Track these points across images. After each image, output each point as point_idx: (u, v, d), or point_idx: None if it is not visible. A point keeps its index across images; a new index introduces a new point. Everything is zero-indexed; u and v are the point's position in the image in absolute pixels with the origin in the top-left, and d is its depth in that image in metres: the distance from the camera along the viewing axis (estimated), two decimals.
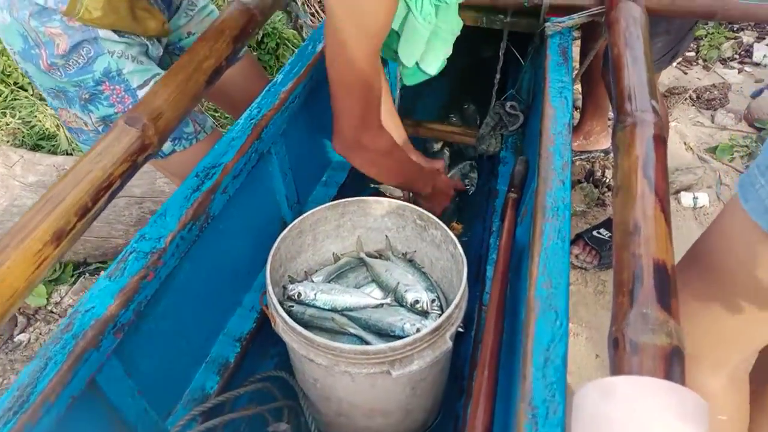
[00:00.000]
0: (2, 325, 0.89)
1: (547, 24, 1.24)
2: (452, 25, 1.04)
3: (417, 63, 1.04)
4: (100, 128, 1.12)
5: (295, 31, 2.15)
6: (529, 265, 0.80)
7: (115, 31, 1.04)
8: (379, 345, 0.85)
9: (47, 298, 1.56)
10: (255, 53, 2.41)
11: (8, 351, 1.51)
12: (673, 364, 0.57)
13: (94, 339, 0.74)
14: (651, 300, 0.62)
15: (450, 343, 0.91)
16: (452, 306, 0.90)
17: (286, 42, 2.47)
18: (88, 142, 1.16)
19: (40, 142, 2.02)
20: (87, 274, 1.63)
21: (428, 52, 1.03)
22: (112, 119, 1.10)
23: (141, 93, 1.09)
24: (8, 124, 2.07)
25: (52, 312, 1.55)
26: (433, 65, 1.06)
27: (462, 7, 1.06)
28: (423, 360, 0.88)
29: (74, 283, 1.62)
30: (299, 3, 1.36)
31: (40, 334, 1.52)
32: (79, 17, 0.98)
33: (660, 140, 0.80)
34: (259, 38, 2.42)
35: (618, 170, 0.78)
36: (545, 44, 1.22)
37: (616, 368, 0.58)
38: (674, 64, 2.47)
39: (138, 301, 0.81)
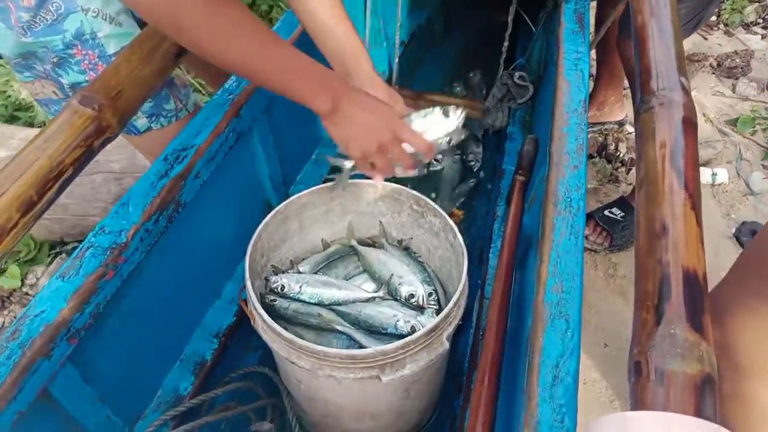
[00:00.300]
0: None
1: None
2: None
3: None
4: (71, 94, 1.01)
5: None
6: (537, 265, 0.71)
7: None
8: (367, 349, 0.77)
9: (22, 280, 1.49)
10: None
11: None
12: (705, 397, 0.50)
13: (43, 347, 0.67)
14: (680, 317, 0.54)
15: (447, 345, 0.82)
16: (450, 304, 0.81)
17: (280, 4, 2.32)
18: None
19: (16, 114, 1.92)
20: (64, 254, 1.55)
21: None
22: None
23: None
24: None
25: (27, 294, 1.48)
26: None
27: None
28: (416, 364, 0.80)
29: (50, 263, 1.54)
30: None
31: (15, 317, 1.44)
32: None
33: (690, 124, 0.70)
34: (251, 0, 2.27)
35: (642, 159, 0.68)
36: (559, 9, 1.12)
37: (638, 400, 0.51)
38: None
39: (96, 302, 0.72)
